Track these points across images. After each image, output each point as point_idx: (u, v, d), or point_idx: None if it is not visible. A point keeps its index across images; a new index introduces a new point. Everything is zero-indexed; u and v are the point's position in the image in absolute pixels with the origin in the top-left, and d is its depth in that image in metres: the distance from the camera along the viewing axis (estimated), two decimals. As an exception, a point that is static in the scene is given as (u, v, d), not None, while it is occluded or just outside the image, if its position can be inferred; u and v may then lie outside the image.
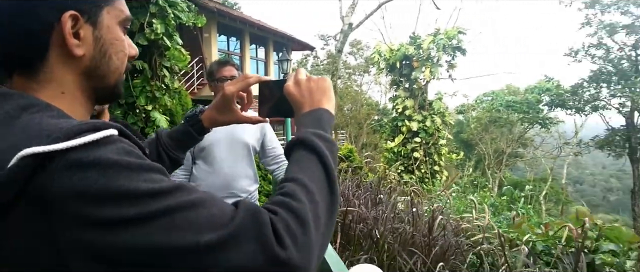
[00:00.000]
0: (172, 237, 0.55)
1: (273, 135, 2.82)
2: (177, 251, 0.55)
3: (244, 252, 0.56)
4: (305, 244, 0.60)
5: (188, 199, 0.58)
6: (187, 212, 0.57)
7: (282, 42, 19.90)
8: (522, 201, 8.88)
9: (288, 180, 0.69)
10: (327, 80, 0.92)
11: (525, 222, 4.91)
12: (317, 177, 0.71)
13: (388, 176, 9.67)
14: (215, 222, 0.57)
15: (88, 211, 0.54)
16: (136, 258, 0.55)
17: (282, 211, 0.62)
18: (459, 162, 21.96)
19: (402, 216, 3.71)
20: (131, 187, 0.55)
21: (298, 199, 0.65)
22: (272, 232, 0.58)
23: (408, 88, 16.00)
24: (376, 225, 3.19)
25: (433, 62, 15.50)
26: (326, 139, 0.79)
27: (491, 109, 25.71)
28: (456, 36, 15.49)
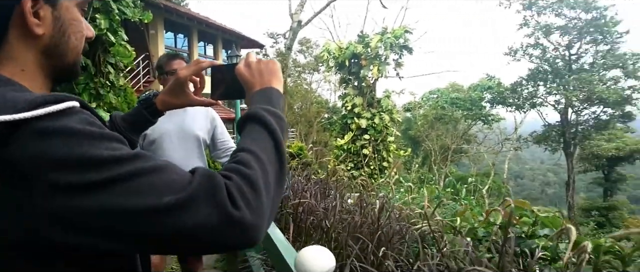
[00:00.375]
0: (134, 200, 0.59)
1: (224, 128, 2.86)
2: (140, 213, 0.59)
3: (201, 213, 0.61)
4: (257, 207, 0.66)
5: (148, 165, 0.63)
6: (148, 177, 0.62)
7: (231, 40, 19.73)
8: (464, 192, 9.26)
9: (241, 150, 0.75)
10: (276, 62, 1.00)
11: (468, 210, 5.17)
12: (268, 148, 0.78)
13: (338, 173, 9.82)
14: (174, 186, 0.62)
15: (54, 176, 0.58)
16: (102, 222, 0.59)
17: (236, 177, 0.68)
18: (407, 159, 22.51)
19: (350, 208, 3.83)
20: (94, 154, 0.60)
21: (250, 167, 0.71)
22: (226, 195, 0.64)
23: (357, 86, 16.27)
24: (326, 216, 3.29)
25: (381, 61, 15.84)
26: (276, 115, 0.85)
27: (436, 107, 26.52)
28: (403, 35, 15.90)
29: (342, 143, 15.86)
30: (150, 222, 0.60)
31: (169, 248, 0.69)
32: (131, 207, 0.59)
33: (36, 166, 0.58)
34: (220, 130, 2.83)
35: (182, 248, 0.72)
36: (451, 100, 25.74)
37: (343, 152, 15.68)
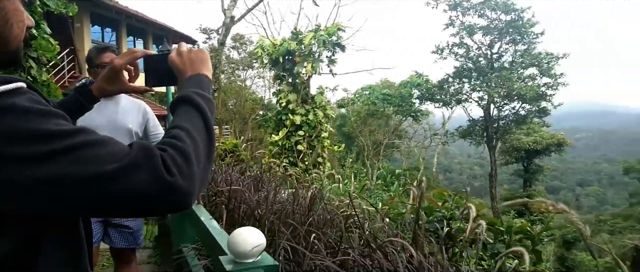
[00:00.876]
0: (81, 168, 0.69)
1: (156, 121, 2.89)
2: (86, 180, 0.69)
3: (139, 179, 0.72)
4: (188, 174, 0.78)
5: (91, 138, 0.73)
6: (92, 149, 0.71)
7: (162, 35, 19.22)
8: (395, 184, 9.67)
9: (174, 127, 0.87)
10: (205, 51, 1.12)
11: (396, 198, 5.47)
12: (198, 126, 0.89)
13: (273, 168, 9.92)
14: (116, 156, 0.72)
15: (7, 149, 0.66)
16: (53, 189, 0.68)
17: (170, 149, 0.79)
18: (341, 154, 22.94)
19: (283, 200, 3.96)
20: (43, 128, 0.69)
21: (183, 141, 0.82)
22: (161, 163, 0.75)
23: (291, 83, 16.39)
24: (259, 206, 3.40)
25: (314, 58, 16.04)
26: (205, 97, 0.97)
27: (369, 103, 27.18)
28: (336, 33, 16.18)
29: (277, 139, 15.94)
30: (96, 188, 0.70)
31: (112, 211, 0.80)
32: (79, 175, 0.69)
33: (6, 139, 0.66)
34: (153, 123, 2.87)
35: (123, 211, 0.81)
36: (383, 97, 26.49)
37: (278, 149, 15.77)
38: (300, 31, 16.54)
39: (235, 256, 1.73)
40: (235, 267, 1.70)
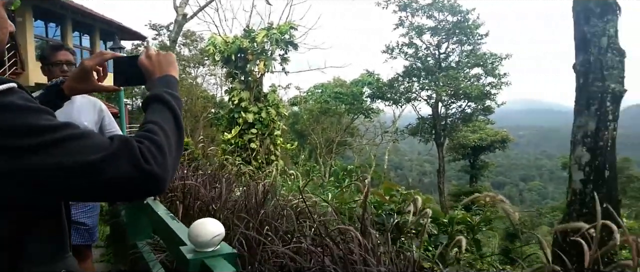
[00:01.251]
0: (70, 158, 0.80)
1: (111, 118, 2.94)
2: (76, 168, 0.80)
3: (121, 167, 0.83)
4: (163, 163, 0.90)
5: (77, 132, 0.84)
6: (79, 141, 0.82)
7: (110, 31, 18.69)
8: (347, 180, 9.90)
9: (149, 122, 0.99)
10: (172, 54, 1.24)
11: (347, 193, 5.68)
12: (169, 121, 1.02)
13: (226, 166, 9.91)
14: (100, 147, 0.83)
15: (6, 142, 0.77)
16: (46, 176, 0.79)
17: (146, 141, 0.91)
18: (294, 152, 23.07)
19: (237, 197, 4.06)
20: (36, 123, 0.80)
21: (157, 134, 0.94)
22: (139, 154, 0.86)
23: (243, 80, 16.33)
24: (213, 201, 3.50)
25: (267, 56, 16.06)
26: (174, 96, 1.10)
27: (321, 101, 27.43)
28: (288, 31, 16.25)
29: (230, 137, 15.86)
30: (83, 175, 0.81)
31: (98, 196, 0.91)
32: (68, 164, 0.80)
33: (5, 133, 0.77)
34: (108, 120, 2.91)
35: (106, 196, 0.93)
36: (335, 95, 26.81)
37: (231, 147, 15.70)
38: (252, 29, 16.51)
39: (196, 246, 1.85)
40: (195, 256, 1.82)
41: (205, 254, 1.82)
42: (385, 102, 26.36)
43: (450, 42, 24.09)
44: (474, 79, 24.04)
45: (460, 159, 29.86)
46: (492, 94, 23.96)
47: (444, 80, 22.78)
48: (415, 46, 24.37)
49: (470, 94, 22.92)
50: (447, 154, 27.58)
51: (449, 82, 22.73)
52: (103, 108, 2.89)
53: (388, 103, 26.30)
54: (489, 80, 23.95)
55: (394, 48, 24.59)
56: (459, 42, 24.00)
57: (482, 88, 23.48)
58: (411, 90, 25.01)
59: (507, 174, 77.39)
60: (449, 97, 24.03)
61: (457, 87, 22.71)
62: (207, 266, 1.77)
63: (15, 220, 0.86)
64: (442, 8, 22.91)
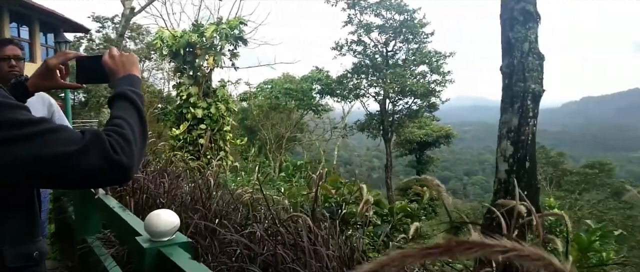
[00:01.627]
0: (48, 149, 0.89)
1: (61, 113, 2.93)
2: (53, 158, 0.89)
3: (94, 157, 0.93)
4: (129, 154, 1.00)
5: (52, 126, 0.93)
6: (55, 134, 0.92)
7: (50, 23, 17.91)
8: (298, 176, 10.05)
9: (115, 118, 1.08)
10: (134, 55, 1.32)
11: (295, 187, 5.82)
12: (133, 116, 1.12)
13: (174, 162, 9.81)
14: (73, 140, 0.93)
15: None
16: (26, 166, 0.88)
17: (114, 134, 1.01)
18: (244, 148, 22.96)
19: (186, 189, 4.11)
20: (16, 118, 0.89)
21: (123, 128, 1.04)
22: (109, 146, 0.96)
23: (192, 75, 16.10)
24: (163, 195, 3.55)
25: (216, 51, 15.90)
26: (137, 93, 1.19)
27: (271, 97, 27.43)
28: (238, 26, 16.15)
29: (178, 133, 15.62)
30: (59, 165, 0.91)
31: (72, 184, 1.00)
32: (46, 155, 0.89)
33: None
34: (58, 115, 2.91)
35: (80, 184, 1.02)
36: (284, 91, 26.87)
37: (179, 142, 15.47)
38: (201, 23, 16.30)
39: (152, 236, 1.93)
40: (152, 245, 1.90)
41: (161, 244, 1.90)
42: (334, 99, 26.71)
43: (398, 40, 24.68)
44: (419, 77, 24.77)
45: (407, 155, 30.66)
46: (436, 91, 24.79)
47: (391, 78, 23.34)
48: (364, 44, 24.81)
49: (416, 91, 23.61)
50: (395, 149, 28.28)
51: (396, 80, 23.30)
52: (53, 103, 2.89)
53: (337, 99, 26.66)
54: (434, 78, 24.78)
55: (343, 45, 24.95)
56: (405, 41, 24.64)
57: (428, 85, 24.25)
58: (360, 87, 25.45)
59: (452, 168, 79.83)
60: (396, 94, 24.64)
61: (404, 84, 23.33)
62: (163, 254, 1.85)
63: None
64: (389, 7, 23.44)
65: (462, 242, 0.63)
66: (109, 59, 1.30)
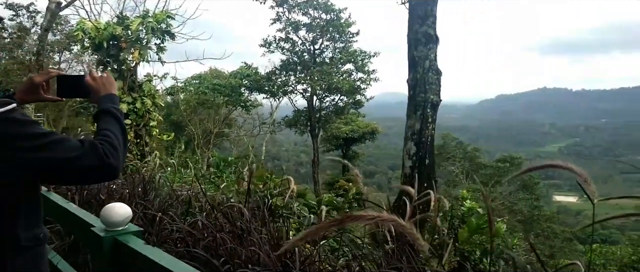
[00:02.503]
0: (58, 154, 1.23)
1: None
2: (62, 161, 1.23)
3: (92, 160, 1.28)
4: (116, 157, 1.35)
5: (58, 137, 1.25)
6: (62, 143, 1.25)
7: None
8: (227, 171, 10.27)
9: (104, 129, 1.42)
10: (111, 76, 1.63)
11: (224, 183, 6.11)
12: (117, 128, 1.46)
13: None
14: (76, 148, 1.27)
15: (15, 144, 1.17)
16: (42, 166, 1.21)
17: (105, 143, 1.35)
18: (170, 143, 22.63)
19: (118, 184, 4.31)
20: (33, 131, 1.21)
21: (111, 138, 1.39)
22: (102, 151, 1.30)
23: (116, 69, 15.70)
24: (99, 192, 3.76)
25: (142, 45, 15.61)
26: (119, 110, 1.53)
27: (199, 92, 27.18)
28: (165, 20, 15.93)
29: (101, 128, 15.17)
30: (66, 166, 1.24)
31: (74, 181, 1.32)
32: (57, 158, 1.22)
33: (10, 137, 1.17)
34: None
35: (80, 180, 1.36)
36: (213, 86, 26.72)
37: (102, 138, 15.03)
38: (126, 16, 15.92)
39: (107, 226, 2.22)
40: (108, 234, 2.19)
41: (116, 232, 2.19)
42: (263, 95, 26.95)
43: (325, 38, 25.33)
44: (346, 75, 25.60)
45: (334, 150, 31.47)
46: (362, 89, 25.74)
47: (318, 75, 23.96)
48: (292, 41, 25.25)
49: (342, 88, 24.41)
50: (322, 145, 28.96)
51: (323, 77, 23.96)
52: None
53: (266, 95, 26.93)
54: (360, 76, 25.71)
55: (272, 42, 25.24)
56: (332, 39, 25.35)
57: (353, 83, 25.12)
58: (288, 84, 25.88)
59: (377, 163, 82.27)
60: (323, 91, 25.31)
61: (331, 81, 24.04)
62: (119, 241, 2.14)
63: (16, 196, 1.25)
64: (316, 6, 24.02)
65: (348, 215, 1.03)
66: (91, 80, 1.61)
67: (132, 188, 3.84)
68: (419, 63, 4.04)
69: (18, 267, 1.35)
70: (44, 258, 1.53)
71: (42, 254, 1.50)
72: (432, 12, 3.94)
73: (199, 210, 2.92)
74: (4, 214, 1.28)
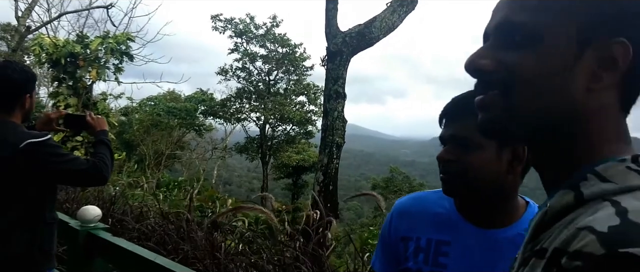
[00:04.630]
0: (74, 167, 2.07)
1: None
2: (76, 172, 2.07)
3: (94, 172, 2.13)
4: (107, 171, 2.21)
5: (74, 156, 2.10)
6: (77, 159, 2.11)
7: None
8: (176, 191, 10.87)
9: (99, 153, 2.24)
10: (103, 118, 2.43)
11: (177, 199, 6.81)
12: (108, 152, 2.31)
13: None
14: (84, 163, 2.12)
15: (51, 159, 2.02)
16: (66, 173, 2.05)
17: (99, 161, 2.20)
18: (121, 162, 22.73)
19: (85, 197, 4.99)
20: (60, 152, 2.04)
21: (104, 159, 2.23)
22: (99, 166, 2.12)
23: (72, 86, 15.99)
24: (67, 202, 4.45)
25: (100, 64, 16.00)
26: (109, 140, 2.34)
27: (153, 113, 27.44)
28: (125, 42, 16.43)
29: (53, 144, 15.35)
30: (78, 174, 2.06)
31: (81, 183, 2.14)
32: (73, 170, 2.05)
33: (48, 155, 1.98)
34: None
35: (85, 183, 2.16)
36: (168, 109, 27.08)
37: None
38: (86, 35, 16.32)
39: (82, 223, 2.96)
40: (83, 228, 2.94)
41: (89, 228, 2.94)
42: (217, 120, 27.50)
43: (280, 71, 26.37)
44: (299, 106, 26.63)
45: (284, 178, 32.14)
46: (313, 120, 26.78)
47: (272, 105, 24.86)
48: (248, 71, 26.16)
49: (294, 119, 25.39)
50: (272, 172, 29.60)
51: (277, 107, 24.87)
52: None
53: (220, 121, 27.49)
54: (312, 108, 26.79)
55: (229, 70, 26.06)
56: (287, 72, 26.42)
57: (305, 114, 26.16)
58: (242, 111, 26.61)
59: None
60: (276, 120, 26.19)
61: (284, 111, 24.98)
62: (92, 234, 2.89)
63: (47, 190, 2.04)
64: (273, 40, 25.12)
65: (240, 206, 1.85)
66: (90, 120, 2.42)
67: (98, 199, 4.54)
68: (330, 113, 5.01)
69: (45, 235, 2.20)
70: (55, 233, 2.36)
71: (54, 230, 2.33)
72: (342, 76, 4.92)
73: (151, 216, 3.69)
74: (39, 201, 2.09)
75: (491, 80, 0.71)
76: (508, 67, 0.69)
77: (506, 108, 0.70)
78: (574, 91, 0.66)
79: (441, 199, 1.35)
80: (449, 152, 1.24)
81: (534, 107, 0.68)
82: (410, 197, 1.47)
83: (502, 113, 0.70)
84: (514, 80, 0.68)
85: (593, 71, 0.65)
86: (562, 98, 0.66)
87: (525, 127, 0.70)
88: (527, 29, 0.67)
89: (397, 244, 1.38)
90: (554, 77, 0.66)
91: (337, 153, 5.06)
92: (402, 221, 1.39)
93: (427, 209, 1.37)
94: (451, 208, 1.34)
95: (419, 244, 1.32)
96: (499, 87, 0.70)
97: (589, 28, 0.65)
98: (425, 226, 1.34)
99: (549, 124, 0.68)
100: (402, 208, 1.43)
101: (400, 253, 1.36)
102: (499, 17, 0.71)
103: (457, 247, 1.27)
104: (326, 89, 5.11)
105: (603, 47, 0.65)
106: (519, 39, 0.68)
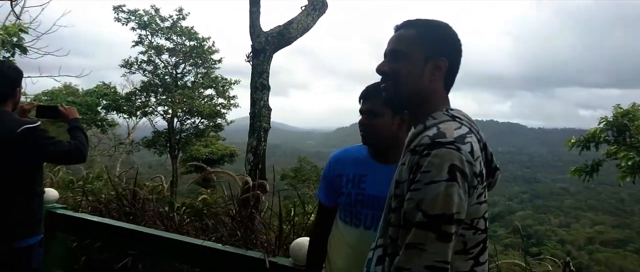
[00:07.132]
0: (59, 148, 2.52)
1: None
2: (61, 151, 2.54)
3: (75, 151, 2.60)
4: (84, 151, 2.69)
5: (59, 140, 2.56)
6: (61, 142, 2.58)
7: None
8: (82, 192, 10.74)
9: (76, 136, 2.69)
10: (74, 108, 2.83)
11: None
12: (83, 136, 2.77)
13: None
14: (67, 145, 2.60)
15: (42, 141, 2.47)
16: (53, 153, 2.51)
17: (78, 143, 2.65)
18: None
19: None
20: (48, 135, 2.50)
21: (81, 140, 2.68)
22: (80, 147, 2.57)
23: (-40, 82, 14.95)
24: None
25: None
26: (81, 126, 2.77)
27: (50, 109, 25.82)
28: (17, 33, 15.60)
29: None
30: (63, 153, 2.53)
31: (64, 161, 2.56)
32: (58, 150, 2.50)
33: (40, 138, 2.41)
34: None
35: (68, 161, 2.58)
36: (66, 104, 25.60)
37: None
38: (-26, 27, 15.29)
39: (46, 203, 3.30)
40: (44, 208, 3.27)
41: (48, 207, 3.30)
42: (121, 115, 26.56)
43: (187, 63, 26.06)
44: (207, 99, 26.52)
45: (193, 172, 31.85)
46: (222, 113, 26.84)
47: (180, 98, 24.54)
48: (154, 64, 25.52)
49: (203, 112, 25.30)
50: (181, 166, 29.25)
51: (185, 100, 24.61)
52: None
53: (124, 115, 26.58)
54: (221, 101, 26.81)
55: (133, 63, 25.25)
56: (195, 65, 26.17)
57: (214, 107, 26.14)
58: (148, 105, 25.95)
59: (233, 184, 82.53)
60: (184, 114, 25.88)
61: (192, 105, 24.78)
62: (52, 211, 3.26)
63: (36, 170, 2.45)
64: (180, 33, 24.80)
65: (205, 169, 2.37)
66: (62, 109, 2.80)
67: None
68: (256, 102, 5.63)
69: (35, 206, 2.62)
70: (43, 203, 2.78)
71: (42, 200, 2.76)
72: (266, 70, 5.56)
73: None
74: (32, 176, 2.49)
75: (387, 77, 1.51)
76: (395, 71, 1.49)
77: (395, 91, 1.50)
78: (423, 82, 1.47)
79: (360, 149, 2.17)
80: (366, 119, 2.02)
81: (406, 91, 1.49)
82: (341, 150, 2.25)
83: (393, 93, 1.49)
84: (398, 77, 1.47)
85: (431, 72, 1.47)
86: (418, 85, 1.49)
87: (404, 100, 1.51)
88: (402, 52, 1.50)
89: (334, 180, 2.18)
90: (415, 75, 1.47)
91: (265, 136, 5.69)
92: (337, 164, 2.20)
93: (352, 155, 2.19)
94: (366, 154, 2.14)
95: (348, 177, 2.13)
96: (391, 80, 1.49)
97: (429, 52, 1.49)
98: (351, 166, 2.15)
99: (413, 98, 1.50)
100: (337, 157, 2.24)
101: (336, 185, 2.17)
102: (391, 46, 1.55)
103: (371, 177, 2.07)
104: (252, 81, 5.70)
105: (435, 61, 1.48)
106: (399, 57, 1.49)
